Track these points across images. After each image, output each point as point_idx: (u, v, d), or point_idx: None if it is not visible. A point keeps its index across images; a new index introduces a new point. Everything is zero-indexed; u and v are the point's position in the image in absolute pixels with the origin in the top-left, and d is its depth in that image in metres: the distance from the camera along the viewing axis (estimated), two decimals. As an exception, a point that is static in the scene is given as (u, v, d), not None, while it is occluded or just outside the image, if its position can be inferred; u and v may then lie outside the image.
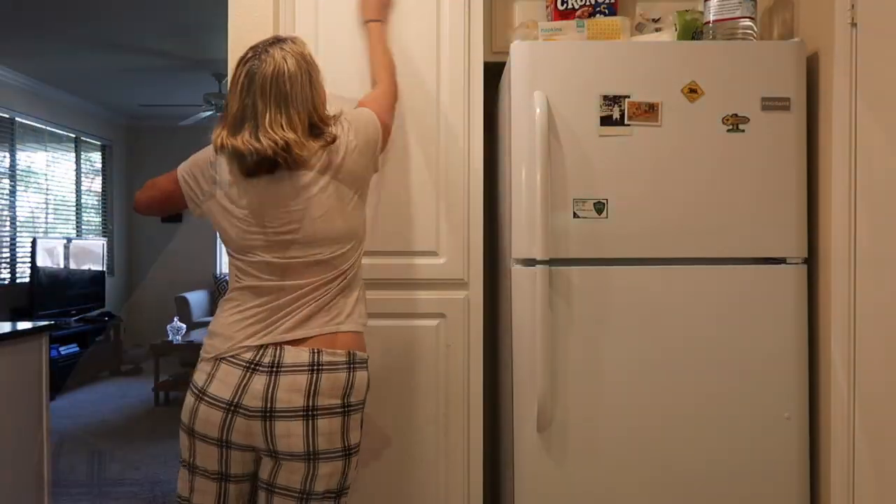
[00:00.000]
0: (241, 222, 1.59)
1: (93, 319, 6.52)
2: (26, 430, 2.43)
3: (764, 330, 1.87)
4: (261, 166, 1.54)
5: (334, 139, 1.58)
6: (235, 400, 1.50)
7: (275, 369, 1.50)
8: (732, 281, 1.88)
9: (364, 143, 1.64)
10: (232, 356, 1.54)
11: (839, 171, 1.76)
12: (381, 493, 2.05)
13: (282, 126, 1.53)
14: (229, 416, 1.50)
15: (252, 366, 1.51)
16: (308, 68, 1.60)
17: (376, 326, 2.03)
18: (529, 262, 1.86)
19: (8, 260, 6.01)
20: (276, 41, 1.60)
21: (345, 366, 1.54)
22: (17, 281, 6.04)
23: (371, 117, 1.71)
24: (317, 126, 1.58)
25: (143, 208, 1.81)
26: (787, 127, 1.87)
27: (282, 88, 1.54)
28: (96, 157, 7.44)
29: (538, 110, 1.82)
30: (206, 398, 1.53)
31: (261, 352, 1.52)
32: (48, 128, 6.57)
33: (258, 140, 1.51)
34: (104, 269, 6.89)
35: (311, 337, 1.54)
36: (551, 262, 1.84)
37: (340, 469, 1.53)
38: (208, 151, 1.64)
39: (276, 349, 1.52)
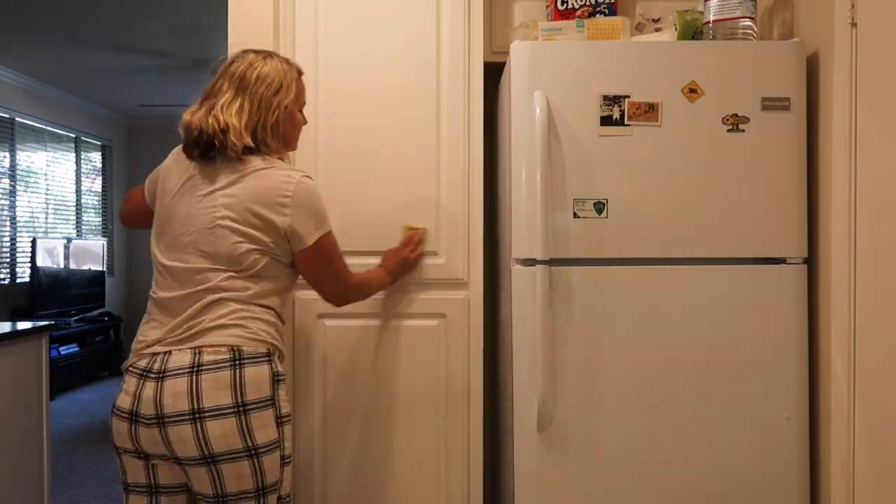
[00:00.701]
0: (159, 216, 1.63)
1: (93, 319, 6.52)
2: (26, 430, 2.43)
3: (764, 330, 1.87)
4: (198, 145, 1.55)
5: (254, 169, 1.56)
6: (134, 409, 1.48)
7: (161, 374, 1.48)
8: (732, 281, 1.88)
9: (290, 214, 1.55)
10: (131, 366, 1.54)
11: (839, 171, 1.76)
12: (381, 494, 2.05)
13: (232, 112, 1.55)
14: (133, 426, 1.49)
15: (145, 373, 1.50)
16: (282, 81, 1.61)
17: (377, 326, 2.04)
18: (529, 262, 1.86)
19: (8, 260, 6.01)
20: (270, 52, 1.66)
21: (228, 364, 1.47)
22: (17, 281, 6.04)
23: (319, 211, 1.59)
24: (258, 138, 1.58)
25: (125, 219, 1.84)
26: (787, 127, 1.87)
27: (247, 78, 1.58)
28: (96, 157, 7.44)
29: (538, 110, 1.82)
30: (114, 410, 1.53)
31: (153, 359, 1.50)
32: (48, 128, 6.57)
33: (206, 118, 1.55)
34: (104, 269, 6.89)
35: (198, 338, 1.50)
36: (551, 262, 1.84)
37: (250, 469, 1.46)
38: (170, 157, 1.69)
39: (164, 355, 1.50)
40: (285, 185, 1.55)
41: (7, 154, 6.02)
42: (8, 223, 6.01)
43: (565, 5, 2.16)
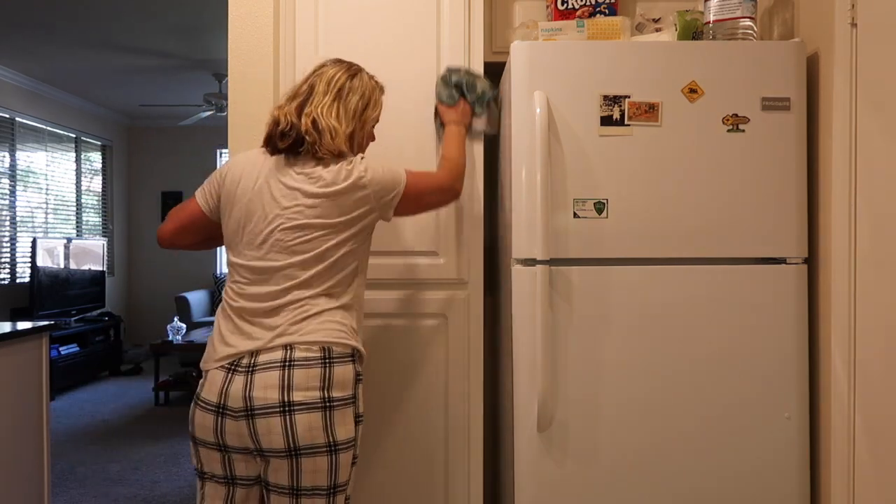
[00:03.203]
0: (235, 218, 1.62)
1: (93, 319, 6.52)
2: (26, 430, 2.43)
3: (764, 330, 1.87)
4: (284, 138, 1.59)
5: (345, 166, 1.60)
6: (221, 402, 1.51)
7: (251, 368, 1.51)
8: (732, 281, 1.88)
9: (373, 187, 1.60)
10: (217, 360, 1.56)
11: (839, 171, 1.76)
12: (382, 494, 2.06)
13: (332, 116, 1.60)
14: (219, 418, 1.52)
15: (233, 367, 1.53)
16: (370, 96, 1.69)
17: (377, 326, 2.04)
18: (530, 262, 1.86)
19: (8, 260, 6.01)
20: (359, 66, 1.72)
21: (318, 361, 1.51)
22: (17, 281, 6.04)
23: (398, 176, 1.65)
24: (347, 146, 1.63)
25: (171, 238, 1.75)
26: (787, 127, 1.87)
27: (343, 88, 1.64)
28: (96, 157, 7.44)
29: (538, 110, 1.82)
30: (200, 403, 1.56)
31: (240, 355, 1.53)
32: (48, 128, 6.57)
33: (298, 116, 1.60)
34: (104, 269, 6.89)
35: (287, 335, 1.53)
36: (551, 261, 1.84)
37: (327, 465, 1.50)
38: (239, 160, 1.70)
39: (254, 353, 1.53)
40: (356, 173, 1.59)
41: (7, 154, 6.02)
42: (8, 223, 6.02)
43: (565, 5, 2.16)
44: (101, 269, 6.82)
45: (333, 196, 1.57)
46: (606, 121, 1.87)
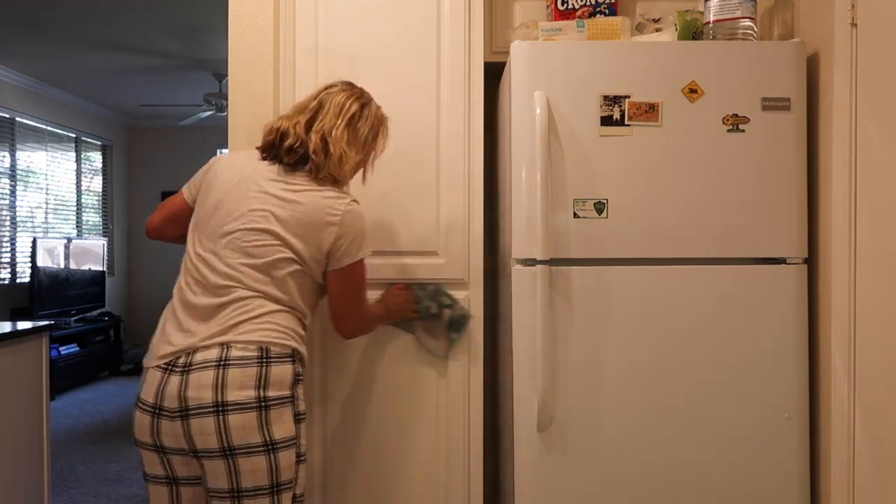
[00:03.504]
0: (205, 207, 1.63)
1: (93, 319, 6.52)
2: (26, 430, 2.42)
3: (764, 330, 1.87)
4: (290, 153, 1.60)
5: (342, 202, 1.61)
6: (158, 402, 1.50)
7: (186, 368, 1.49)
8: (732, 281, 1.88)
9: (342, 228, 1.60)
10: (158, 359, 1.55)
11: (839, 171, 1.76)
12: (382, 493, 2.05)
13: (344, 138, 1.61)
14: (155, 419, 1.50)
15: (169, 367, 1.51)
16: (379, 127, 1.71)
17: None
18: (530, 262, 1.86)
19: (8, 260, 6.00)
20: (365, 92, 1.72)
21: (255, 361, 1.49)
22: (17, 281, 6.04)
23: (366, 248, 1.65)
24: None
25: (158, 229, 1.80)
26: (787, 127, 1.87)
27: (355, 116, 1.65)
28: (96, 157, 7.44)
29: (538, 110, 1.82)
30: (138, 403, 1.55)
31: (178, 354, 1.52)
32: (48, 128, 6.57)
33: (307, 132, 1.60)
34: (104, 269, 6.89)
35: (227, 333, 1.52)
36: (551, 261, 1.84)
37: (266, 464, 1.48)
38: (228, 156, 1.71)
39: (191, 352, 1.52)
40: (336, 205, 1.60)
41: (7, 154, 6.02)
42: (8, 223, 6.01)
43: (565, 5, 2.16)
44: (101, 269, 6.81)
45: (302, 215, 1.57)
46: (606, 121, 1.87)
